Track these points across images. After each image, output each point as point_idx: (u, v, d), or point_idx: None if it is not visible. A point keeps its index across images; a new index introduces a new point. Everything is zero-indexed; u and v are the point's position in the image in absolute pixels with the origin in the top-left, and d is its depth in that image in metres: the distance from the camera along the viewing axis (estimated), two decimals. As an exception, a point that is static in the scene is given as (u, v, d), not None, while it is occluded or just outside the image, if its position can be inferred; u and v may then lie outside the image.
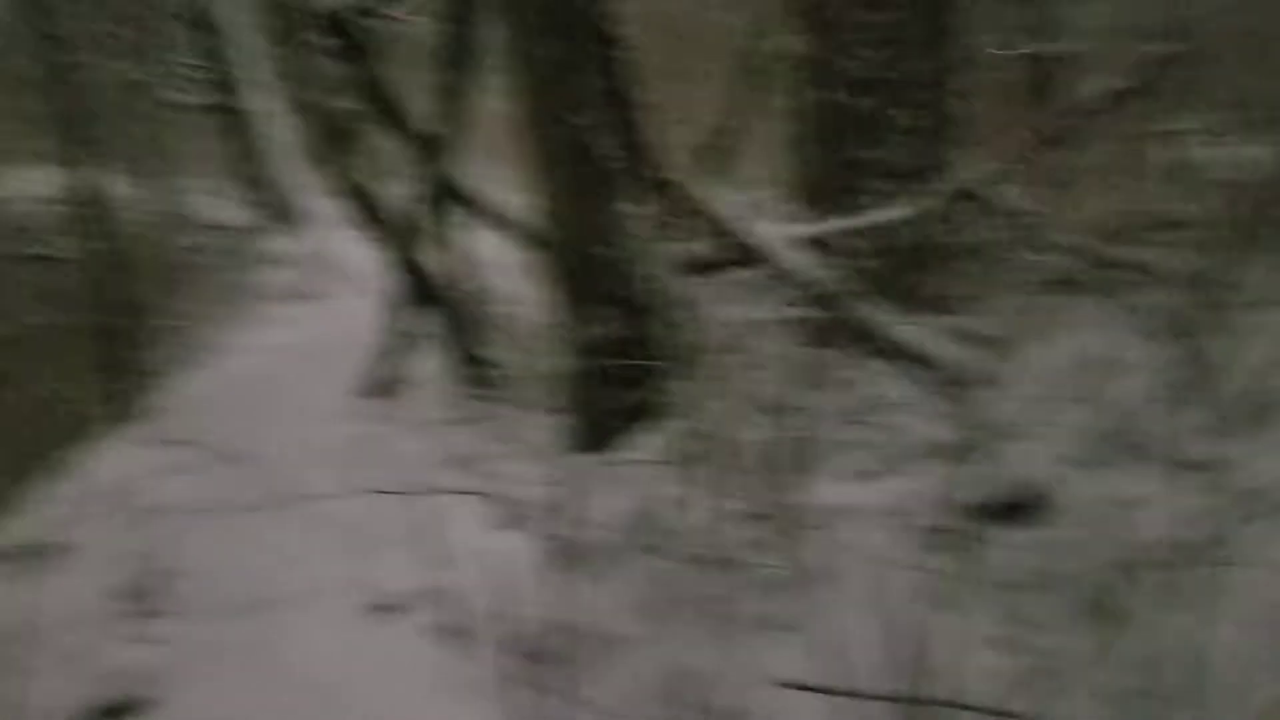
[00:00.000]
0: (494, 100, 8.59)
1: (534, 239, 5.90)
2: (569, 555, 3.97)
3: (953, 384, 4.85)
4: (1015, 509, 3.85)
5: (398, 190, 6.71)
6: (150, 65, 16.96)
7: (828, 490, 4.09)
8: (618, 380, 5.31)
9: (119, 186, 19.03)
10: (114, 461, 5.73)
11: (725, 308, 5.60)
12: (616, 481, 4.50)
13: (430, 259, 6.73)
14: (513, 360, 6.48)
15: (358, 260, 10.54)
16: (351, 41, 6.33)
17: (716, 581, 3.61)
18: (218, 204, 17.34)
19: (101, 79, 17.72)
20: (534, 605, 3.64)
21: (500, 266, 7.22)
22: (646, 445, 5.15)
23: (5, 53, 17.36)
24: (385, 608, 4.11)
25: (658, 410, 5.18)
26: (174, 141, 16.98)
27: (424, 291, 6.60)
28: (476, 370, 6.54)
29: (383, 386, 6.90)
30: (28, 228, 15.41)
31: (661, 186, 5.64)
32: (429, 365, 6.82)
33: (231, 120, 14.85)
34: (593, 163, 5.33)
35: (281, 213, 14.56)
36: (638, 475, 4.47)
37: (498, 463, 5.38)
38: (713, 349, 5.22)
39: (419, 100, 6.83)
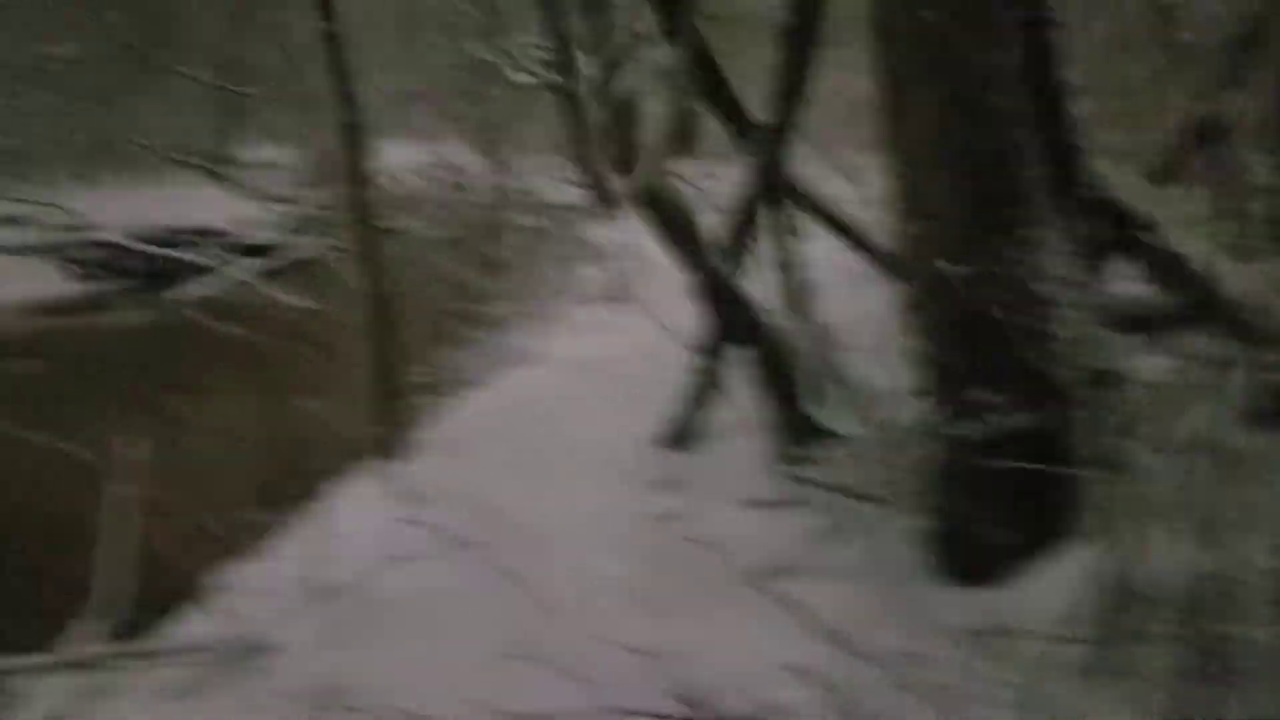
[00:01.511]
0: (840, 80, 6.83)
1: (898, 268, 4.16)
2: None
3: None
4: None
5: (715, 192, 5.13)
6: (498, 46, 16.42)
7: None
8: (1012, 485, 3.50)
9: (469, 163, 18.99)
10: (348, 522, 4.53)
11: (1182, 386, 3.73)
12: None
13: (753, 282, 5.11)
14: (854, 430, 4.77)
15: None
16: (678, 11, 4.77)
17: None
18: (550, 186, 16.67)
19: (453, 59, 17.54)
20: None
21: (845, 298, 5.53)
22: (1049, 587, 3.42)
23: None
24: None
25: (1067, 534, 3.44)
26: (515, 121, 16.44)
27: (742, 323, 4.98)
28: (802, 435, 4.88)
29: (684, 437, 5.39)
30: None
31: (1097, 209, 3.78)
32: (741, 417, 5.23)
33: (568, 101, 13.91)
34: (999, 170, 3.55)
35: (604, 199, 13.48)
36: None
37: (822, 587, 3.75)
38: (1161, 445, 3.40)
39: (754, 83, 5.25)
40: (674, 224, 4.50)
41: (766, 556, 4.21)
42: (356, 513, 4.74)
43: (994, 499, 3.69)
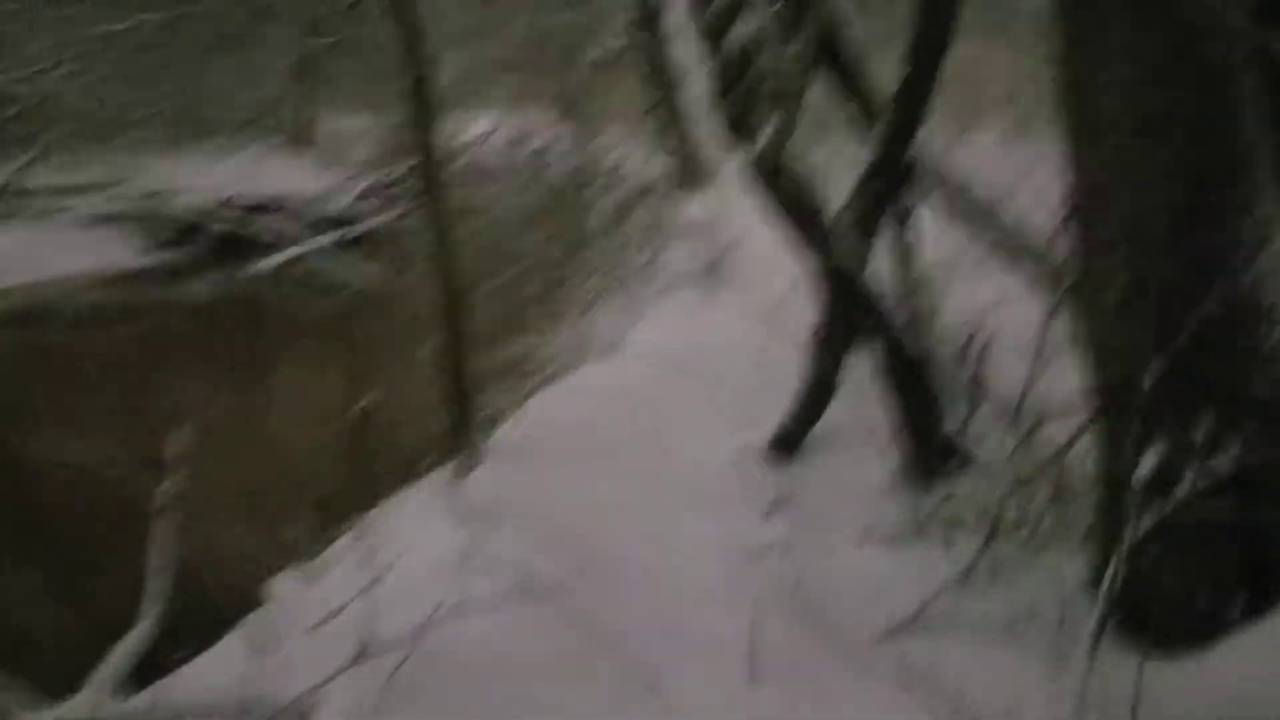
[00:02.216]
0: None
1: (1062, 269, 3.39)
2: None
3: None
4: None
5: (837, 173, 4.38)
6: (583, 14, 15.71)
7: None
8: (1227, 532, 2.91)
9: (551, 135, 18.34)
10: (407, 549, 3.87)
11: None
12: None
13: (877, 274, 4.37)
14: (1002, 449, 4.01)
15: (770, 242, 8.38)
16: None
17: None
18: (634, 159, 15.92)
19: (534, 28, 16.88)
20: None
21: (984, 292, 4.76)
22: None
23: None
24: None
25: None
26: (599, 92, 15.75)
27: (868, 318, 4.24)
28: (937, 453, 4.13)
29: (793, 447, 4.68)
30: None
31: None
32: (864, 428, 4.51)
33: (654, 69, 13.13)
34: (1221, 141, 2.77)
35: (692, 172, 12.70)
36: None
37: (966, 648, 3.06)
38: None
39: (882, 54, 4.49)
40: (795, 203, 3.78)
41: (895, 607, 3.50)
42: (417, 536, 4.08)
43: (1201, 547, 2.95)
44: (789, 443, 4.68)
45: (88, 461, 7.22)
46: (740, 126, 3.63)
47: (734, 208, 9.78)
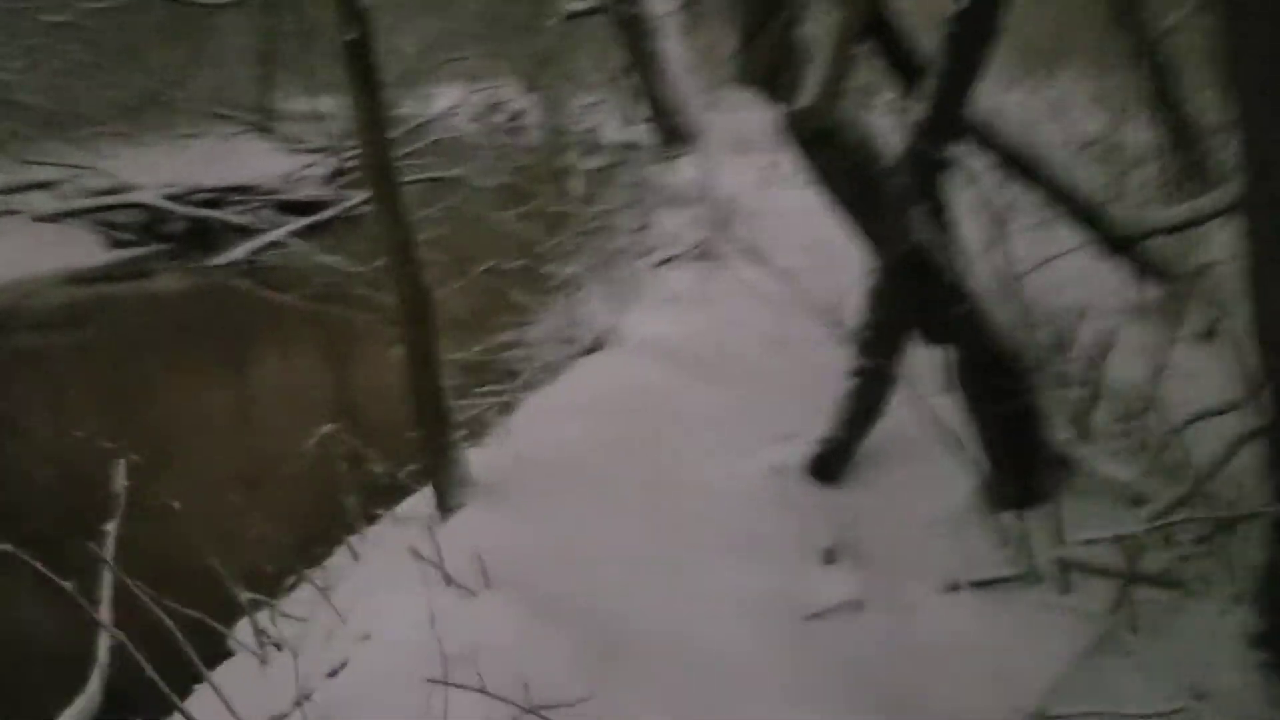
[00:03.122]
0: None
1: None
2: None
3: None
4: None
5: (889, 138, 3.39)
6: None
7: None
8: None
9: (522, 103, 17.23)
10: (366, 618, 2.96)
11: None
12: None
13: (938, 259, 3.43)
14: (1125, 473, 3.09)
15: (775, 209, 7.37)
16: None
17: None
18: (611, 122, 14.85)
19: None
20: None
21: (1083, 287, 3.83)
22: None
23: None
24: None
25: None
26: (569, 54, 14.66)
27: (933, 309, 3.30)
28: (1037, 476, 3.21)
29: (840, 466, 3.76)
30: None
31: None
32: (918, 439, 3.59)
33: (628, 26, 12.03)
34: None
35: (675, 134, 11.69)
36: None
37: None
38: None
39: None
40: (851, 171, 2.82)
41: (1013, 684, 2.61)
42: (384, 611, 3.17)
43: None
44: (834, 462, 3.76)
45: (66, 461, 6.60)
46: (773, 78, 2.67)
47: (727, 172, 8.81)
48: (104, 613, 3.21)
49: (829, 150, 2.76)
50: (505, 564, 3.23)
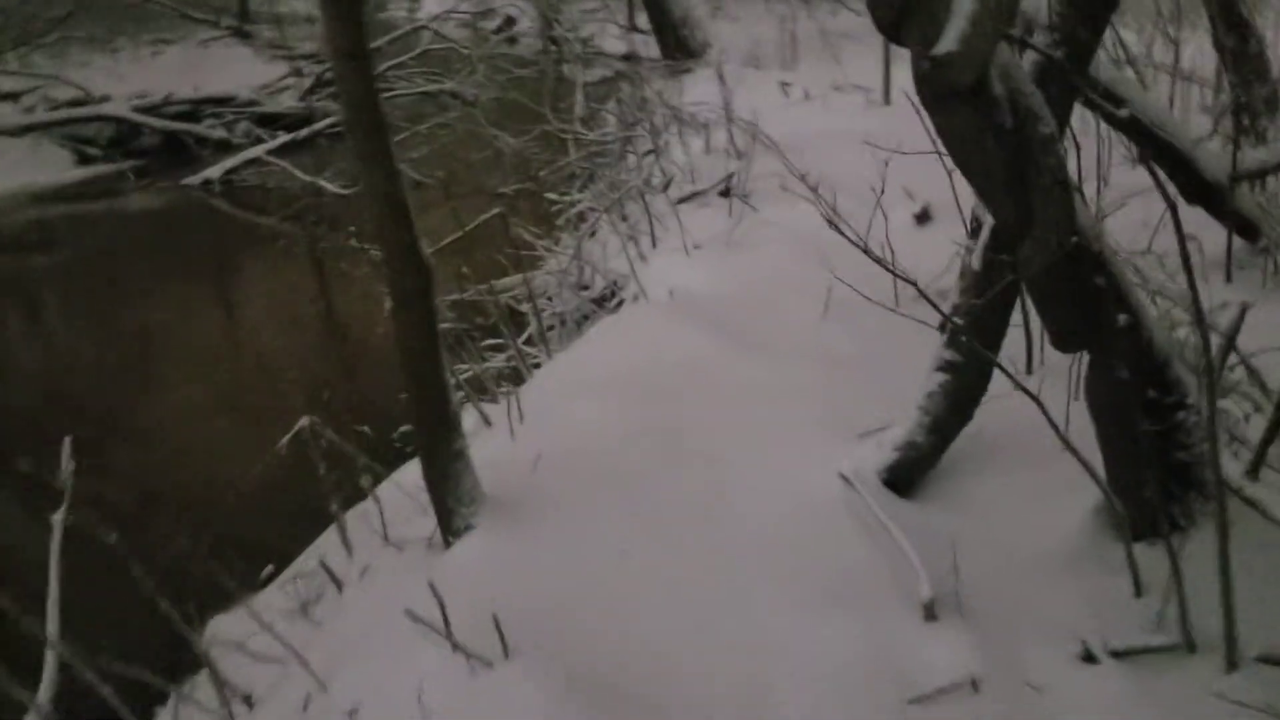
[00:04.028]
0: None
1: None
2: None
3: None
4: None
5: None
6: None
7: None
8: None
9: (516, 9, 16.07)
10: (350, 685, 2.29)
11: None
12: None
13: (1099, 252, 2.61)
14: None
15: (804, 133, 6.52)
16: None
17: None
18: (610, 30, 13.79)
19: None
20: None
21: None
22: None
23: None
24: None
25: None
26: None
27: (1093, 305, 2.53)
28: (1168, 508, 2.51)
29: (917, 474, 3.06)
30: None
31: None
32: (1010, 442, 2.89)
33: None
34: None
35: (683, 46, 10.76)
36: None
37: None
38: None
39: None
40: (1000, 136, 2.05)
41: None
42: (372, 674, 2.49)
43: None
44: (916, 471, 3.06)
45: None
46: (904, 17, 1.88)
47: (743, 90, 7.93)
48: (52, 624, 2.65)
49: (973, 109, 1.99)
50: (527, 619, 2.54)
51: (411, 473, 3.41)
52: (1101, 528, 2.74)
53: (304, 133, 12.29)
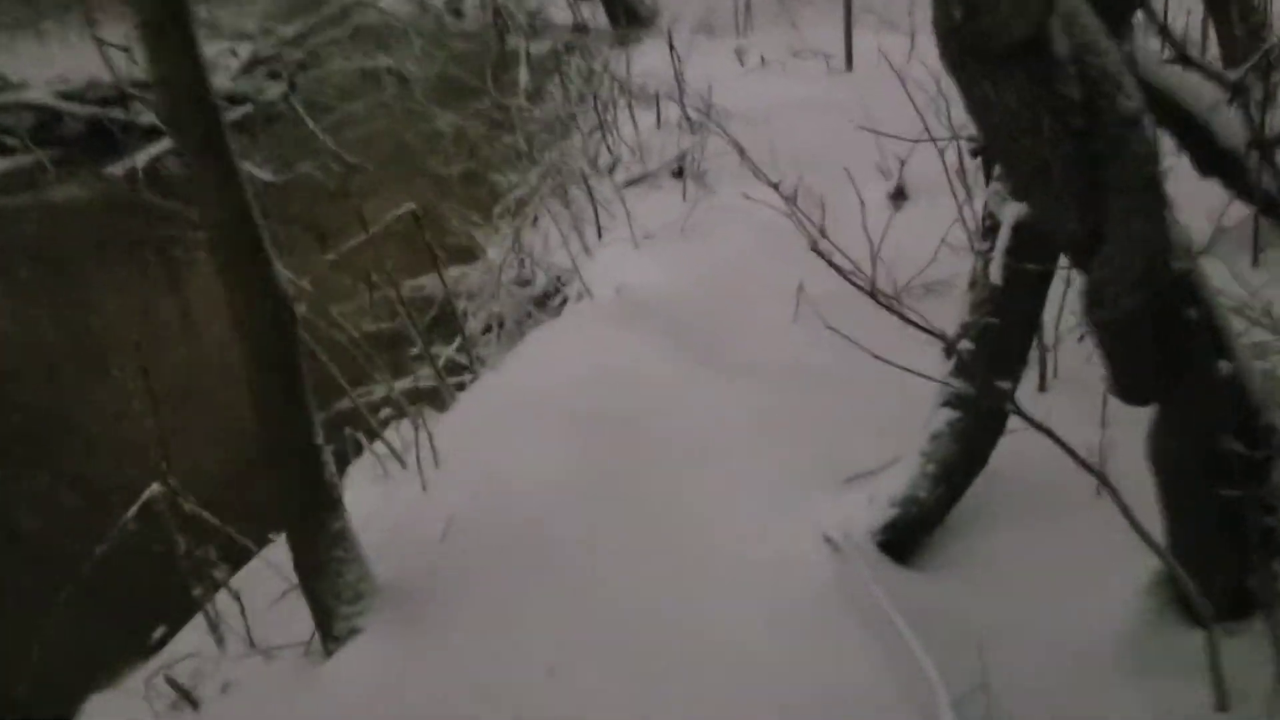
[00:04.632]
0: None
1: None
2: None
3: None
4: None
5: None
6: None
7: None
8: None
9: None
10: None
11: None
12: None
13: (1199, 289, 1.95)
14: None
15: (763, 106, 5.81)
16: None
17: None
18: (553, 2, 12.95)
19: None
20: None
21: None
22: None
23: None
24: None
25: None
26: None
27: (1157, 361, 1.85)
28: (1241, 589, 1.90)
29: (919, 535, 2.43)
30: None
31: None
32: (1029, 496, 2.26)
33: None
34: None
35: (633, 15, 10.01)
36: None
37: None
38: None
39: None
40: (1061, 110, 1.39)
41: None
42: None
43: None
44: (917, 532, 2.41)
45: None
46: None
47: (696, 58, 7.21)
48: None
49: (1026, 76, 1.32)
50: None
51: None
52: (1162, 608, 2.12)
53: (236, 114, 11.44)
